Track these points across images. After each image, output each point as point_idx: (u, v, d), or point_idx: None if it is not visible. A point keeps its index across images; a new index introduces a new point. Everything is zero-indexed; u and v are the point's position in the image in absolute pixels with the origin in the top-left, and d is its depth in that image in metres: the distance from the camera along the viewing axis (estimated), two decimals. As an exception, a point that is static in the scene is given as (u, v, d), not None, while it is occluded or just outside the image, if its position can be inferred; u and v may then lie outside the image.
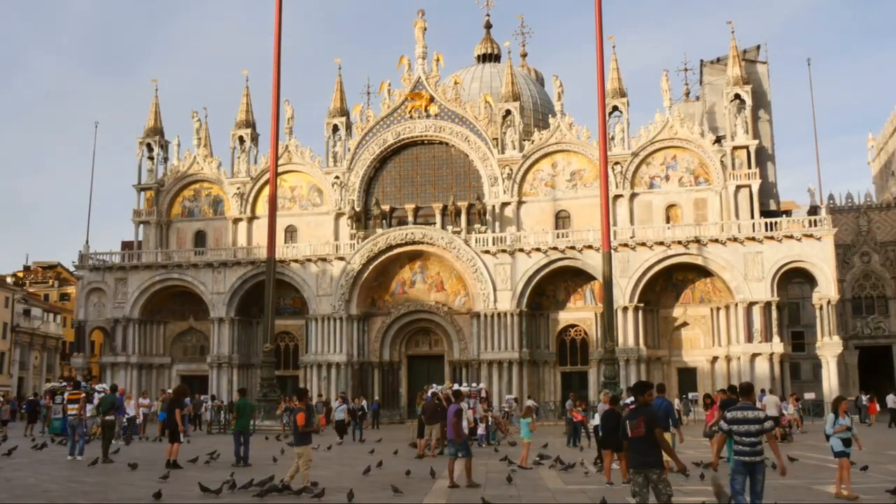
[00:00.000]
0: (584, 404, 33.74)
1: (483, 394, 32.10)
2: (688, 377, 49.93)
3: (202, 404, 40.08)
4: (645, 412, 9.20)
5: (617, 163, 51.13)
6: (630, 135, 52.13)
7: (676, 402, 45.18)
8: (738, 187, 49.52)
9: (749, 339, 47.08)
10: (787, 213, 53.85)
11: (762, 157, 51.26)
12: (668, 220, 50.67)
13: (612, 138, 51.06)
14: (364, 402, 39.19)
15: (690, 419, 40.42)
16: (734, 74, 51.19)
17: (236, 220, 56.97)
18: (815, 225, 47.50)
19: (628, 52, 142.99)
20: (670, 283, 50.85)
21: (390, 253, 52.19)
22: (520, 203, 53.02)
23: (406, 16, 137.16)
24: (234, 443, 19.94)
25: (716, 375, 48.98)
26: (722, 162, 50.13)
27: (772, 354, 46.80)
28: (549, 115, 57.21)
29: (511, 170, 52.96)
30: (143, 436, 31.39)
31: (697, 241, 47.96)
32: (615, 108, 52.49)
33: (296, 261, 53.24)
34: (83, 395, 23.13)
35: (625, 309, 47.77)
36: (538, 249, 49.84)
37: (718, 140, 51.26)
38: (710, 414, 19.55)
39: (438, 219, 53.98)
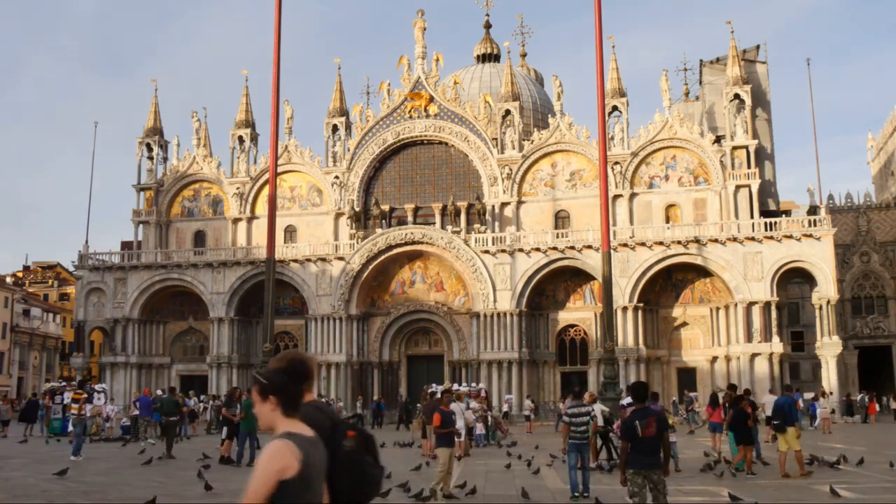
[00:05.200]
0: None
1: (483, 394, 32.08)
2: (687, 377, 49.89)
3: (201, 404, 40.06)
4: (655, 413, 9.24)
5: (616, 163, 51.11)
6: (629, 135, 52.11)
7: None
8: (738, 187, 49.51)
9: (748, 339, 47.04)
10: (787, 212, 53.82)
11: (761, 157, 51.26)
12: (667, 220, 50.65)
13: (612, 138, 51.03)
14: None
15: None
16: (734, 74, 51.18)
17: (236, 220, 56.94)
18: (815, 225, 47.47)
19: (628, 52, 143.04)
20: (670, 282, 50.83)
21: (390, 253, 52.16)
22: (519, 203, 53.01)
23: (406, 16, 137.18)
24: (238, 444, 19.88)
25: (715, 375, 48.91)
26: (721, 162, 50.12)
27: (771, 354, 46.77)
28: (549, 115, 57.19)
29: (510, 170, 52.94)
30: (144, 436, 31.32)
31: (697, 241, 47.95)
32: (615, 108, 52.46)
33: (295, 261, 53.20)
34: (84, 395, 23.27)
35: (624, 309, 47.74)
36: (538, 249, 49.81)
37: (718, 140, 51.25)
38: (717, 413, 19.76)
39: (438, 219, 53.96)
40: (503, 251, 50.17)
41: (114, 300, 55.49)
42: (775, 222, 47.99)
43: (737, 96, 50.52)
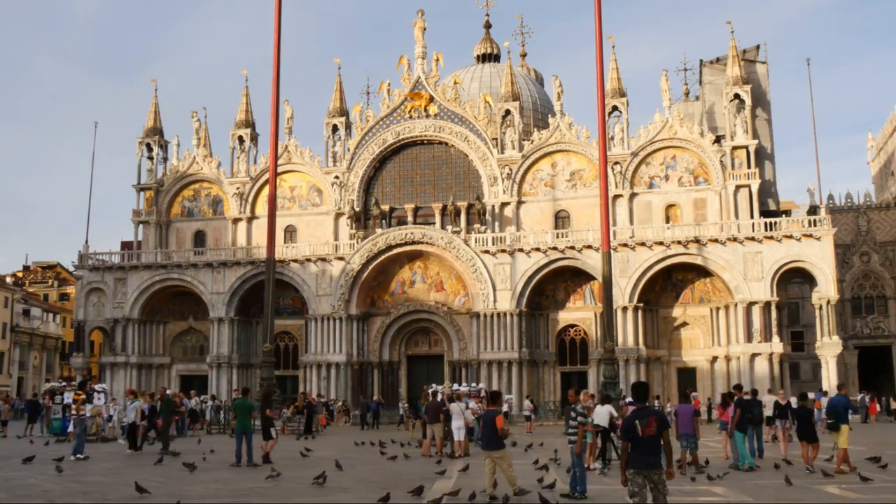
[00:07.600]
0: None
1: (482, 394, 32.06)
2: (687, 377, 49.90)
3: (201, 404, 40.02)
4: (655, 412, 9.22)
5: (616, 163, 51.12)
6: (630, 135, 52.13)
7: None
8: (738, 187, 49.52)
9: (748, 339, 47.07)
10: (787, 212, 53.85)
11: (761, 157, 51.28)
12: (667, 220, 50.67)
13: (612, 138, 51.05)
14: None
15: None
16: (734, 74, 51.19)
17: (236, 220, 56.94)
18: (815, 225, 47.49)
19: (628, 52, 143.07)
20: (670, 282, 50.84)
21: (390, 253, 52.17)
22: (519, 203, 53.01)
23: (406, 16, 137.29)
24: (235, 442, 20.10)
25: (715, 375, 48.97)
26: (721, 162, 50.13)
27: (771, 354, 46.80)
28: (549, 115, 57.21)
29: (510, 170, 52.94)
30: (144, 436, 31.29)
31: (697, 241, 47.96)
32: (615, 108, 52.48)
33: (295, 261, 53.21)
34: (83, 395, 23.40)
35: (624, 309, 47.76)
36: (538, 249, 49.83)
37: (718, 140, 51.26)
38: (726, 413, 19.85)
39: (438, 219, 53.97)
40: (503, 251, 50.18)
41: (114, 300, 55.51)
42: (775, 222, 48.01)
43: (737, 96, 50.54)
